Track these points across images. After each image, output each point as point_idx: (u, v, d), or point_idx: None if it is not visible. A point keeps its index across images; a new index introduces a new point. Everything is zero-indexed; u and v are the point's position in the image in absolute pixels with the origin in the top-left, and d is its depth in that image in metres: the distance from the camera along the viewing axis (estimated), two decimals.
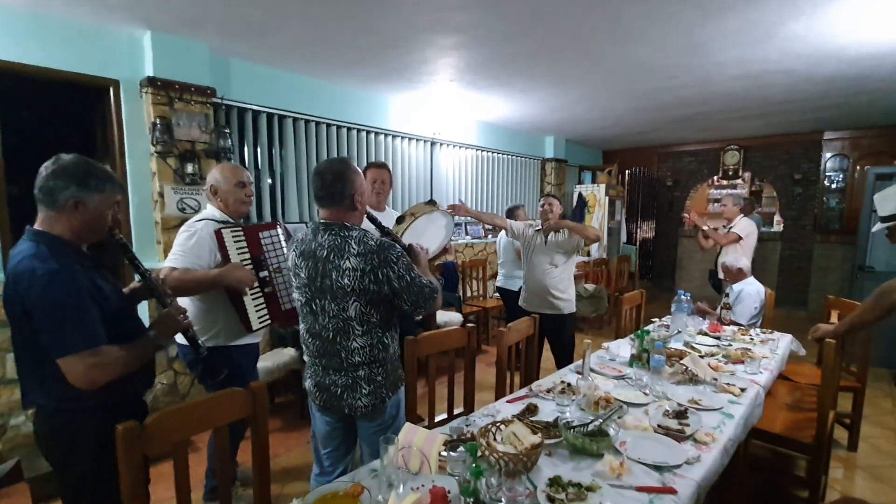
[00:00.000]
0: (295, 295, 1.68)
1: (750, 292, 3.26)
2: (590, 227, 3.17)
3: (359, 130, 4.50)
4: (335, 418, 1.71)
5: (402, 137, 4.96)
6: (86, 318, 1.29)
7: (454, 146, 5.62)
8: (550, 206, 3.19)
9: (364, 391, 1.60)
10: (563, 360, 3.24)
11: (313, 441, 1.83)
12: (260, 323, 2.08)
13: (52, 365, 1.28)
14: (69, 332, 1.26)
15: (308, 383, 1.72)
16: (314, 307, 1.59)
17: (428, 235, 2.34)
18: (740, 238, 4.32)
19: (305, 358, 1.73)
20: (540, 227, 3.24)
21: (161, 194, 3.06)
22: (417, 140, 5.15)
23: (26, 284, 1.25)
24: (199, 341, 1.74)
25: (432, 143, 5.32)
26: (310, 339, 1.66)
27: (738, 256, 3.57)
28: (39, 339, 1.27)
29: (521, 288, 3.45)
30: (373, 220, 1.87)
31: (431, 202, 2.40)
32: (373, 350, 1.59)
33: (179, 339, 2.01)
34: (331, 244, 1.54)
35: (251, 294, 2.06)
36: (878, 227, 2.22)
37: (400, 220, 2.26)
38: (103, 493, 1.43)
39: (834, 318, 2.84)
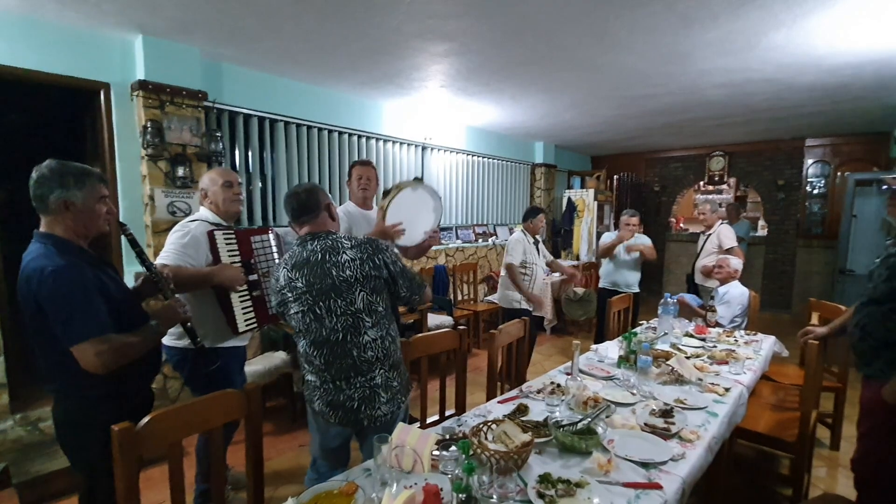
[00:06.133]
0: (293, 310, 1.62)
1: (735, 294, 3.33)
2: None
3: (350, 135, 4.53)
4: (349, 431, 1.68)
5: (394, 142, 5.00)
6: (93, 309, 1.39)
7: (445, 151, 5.66)
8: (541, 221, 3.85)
9: (383, 399, 1.60)
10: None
11: (313, 451, 1.79)
12: (246, 325, 2.09)
13: (63, 356, 1.39)
14: (78, 321, 1.36)
15: (318, 404, 1.63)
16: (319, 311, 1.57)
17: (416, 215, 2.34)
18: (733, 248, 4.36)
19: (309, 378, 1.65)
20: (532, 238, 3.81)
21: (151, 197, 3.06)
22: (409, 145, 5.18)
23: (37, 282, 1.36)
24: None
25: (423, 148, 5.36)
26: (315, 352, 1.60)
27: (737, 260, 3.59)
28: (54, 331, 1.37)
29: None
30: None
31: (417, 179, 2.41)
32: (384, 342, 1.61)
33: (166, 341, 2.02)
34: (323, 247, 1.59)
35: (239, 296, 2.07)
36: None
37: (386, 194, 2.30)
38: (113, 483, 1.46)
39: (814, 319, 2.91)
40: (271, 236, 2.25)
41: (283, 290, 1.64)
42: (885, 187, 2.12)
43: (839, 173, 6.42)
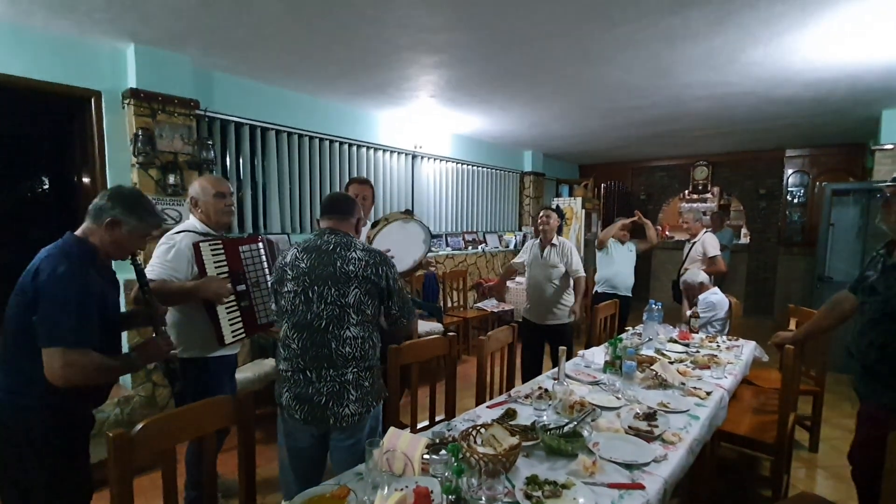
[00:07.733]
0: (286, 288, 1.66)
1: (713, 301, 3.44)
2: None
3: (341, 143, 4.56)
4: (316, 433, 1.65)
5: (384, 150, 5.04)
6: (83, 319, 1.39)
7: (435, 159, 5.72)
8: (548, 218, 3.42)
9: (352, 397, 1.60)
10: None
11: (282, 472, 1.76)
12: (234, 337, 2.09)
13: (24, 357, 1.38)
14: (65, 325, 1.35)
15: (285, 397, 1.63)
16: (310, 294, 1.61)
17: (404, 246, 2.37)
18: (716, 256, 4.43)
19: (282, 367, 1.66)
20: (538, 240, 3.49)
21: None
22: (399, 153, 5.23)
23: (45, 275, 1.37)
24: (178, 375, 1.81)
25: (414, 157, 5.41)
26: (295, 335, 1.62)
27: (696, 272, 3.77)
28: (36, 326, 1.36)
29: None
30: None
31: (407, 212, 2.46)
32: (364, 344, 1.63)
33: None
34: (337, 241, 1.68)
35: (226, 307, 2.06)
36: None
37: (374, 225, 2.35)
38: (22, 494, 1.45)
39: (792, 325, 2.99)
40: (261, 245, 2.25)
41: (285, 267, 1.69)
42: (878, 195, 2.03)
43: (818, 183, 6.60)
